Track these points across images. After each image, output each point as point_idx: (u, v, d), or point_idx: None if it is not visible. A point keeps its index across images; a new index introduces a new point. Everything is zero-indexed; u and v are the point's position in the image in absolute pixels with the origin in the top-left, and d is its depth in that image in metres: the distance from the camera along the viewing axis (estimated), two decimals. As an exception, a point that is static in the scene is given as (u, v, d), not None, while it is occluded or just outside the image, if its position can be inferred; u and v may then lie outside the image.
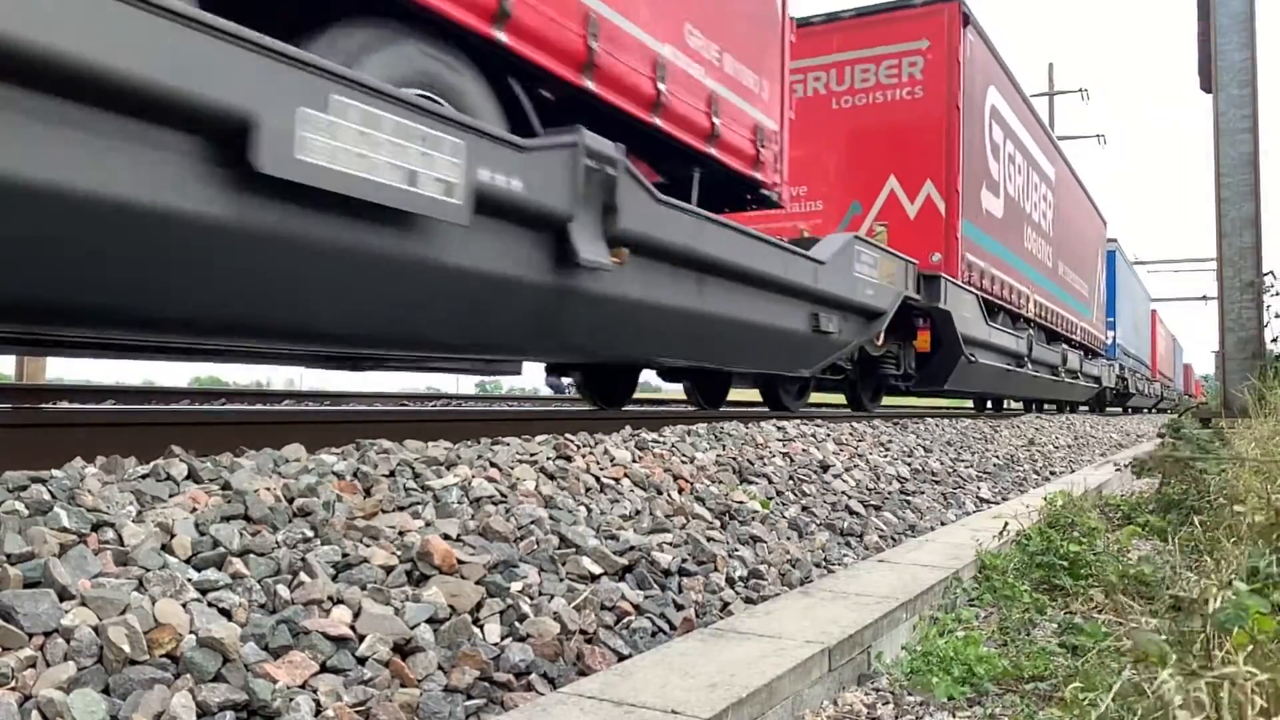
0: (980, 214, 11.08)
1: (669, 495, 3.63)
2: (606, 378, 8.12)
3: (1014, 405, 18.37)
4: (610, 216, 4.32)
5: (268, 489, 2.45)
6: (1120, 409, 26.64)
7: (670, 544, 3.12)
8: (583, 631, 2.40)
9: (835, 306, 7.06)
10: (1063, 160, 16.76)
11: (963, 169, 10.23)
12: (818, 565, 3.67)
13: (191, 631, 1.80)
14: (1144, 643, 1.61)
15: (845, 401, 9.90)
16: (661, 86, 5.11)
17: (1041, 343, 14.35)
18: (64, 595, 1.78)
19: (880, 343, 8.65)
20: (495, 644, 2.19)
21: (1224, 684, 1.50)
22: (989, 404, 17.04)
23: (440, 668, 2.03)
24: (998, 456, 8.20)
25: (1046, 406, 19.13)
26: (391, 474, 2.87)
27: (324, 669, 1.89)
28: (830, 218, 10.16)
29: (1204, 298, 51.53)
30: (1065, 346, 16.19)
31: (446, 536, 2.53)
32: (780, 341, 6.42)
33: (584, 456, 3.62)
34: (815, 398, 10.67)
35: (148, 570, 1.93)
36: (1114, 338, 23.39)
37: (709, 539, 3.34)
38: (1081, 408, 20.99)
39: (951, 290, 9.62)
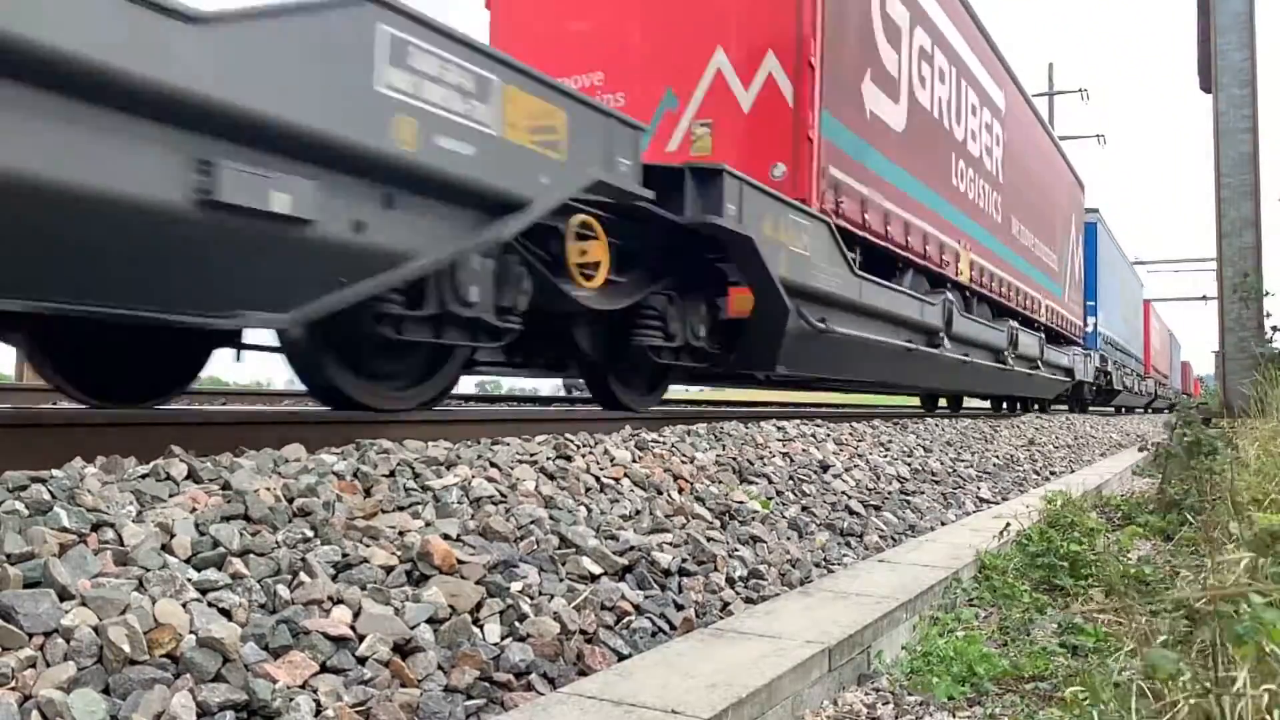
0: (863, 115, 7.69)
1: (669, 495, 3.63)
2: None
3: (1018, 405, 16.28)
4: None
5: (268, 489, 2.45)
6: (1107, 408, 23.76)
7: (670, 544, 3.12)
8: (583, 631, 2.40)
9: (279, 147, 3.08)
10: (1020, 93, 13.48)
11: (825, 39, 6.83)
12: (818, 565, 3.67)
13: (191, 631, 1.80)
14: (1155, 658, 1.60)
15: (593, 396, 6.29)
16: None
17: (974, 315, 10.90)
18: (64, 595, 1.78)
19: (596, 281, 4.88)
20: (495, 644, 2.19)
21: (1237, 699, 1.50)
22: (939, 402, 14.29)
23: (440, 668, 2.03)
24: (998, 456, 8.20)
25: (1056, 407, 16.73)
26: (391, 474, 2.87)
27: (324, 669, 1.89)
28: (636, 115, 5.13)
29: (1204, 298, 51.52)
30: (1015, 324, 12.62)
31: (446, 536, 2.53)
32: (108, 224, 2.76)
33: (584, 456, 3.62)
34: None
35: (148, 570, 1.93)
36: (1095, 324, 19.95)
37: (709, 539, 3.34)
38: (1057, 406, 17.79)
39: (752, 199, 5.58)
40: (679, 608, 2.73)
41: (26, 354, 4.22)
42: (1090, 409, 19.84)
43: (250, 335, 4.32)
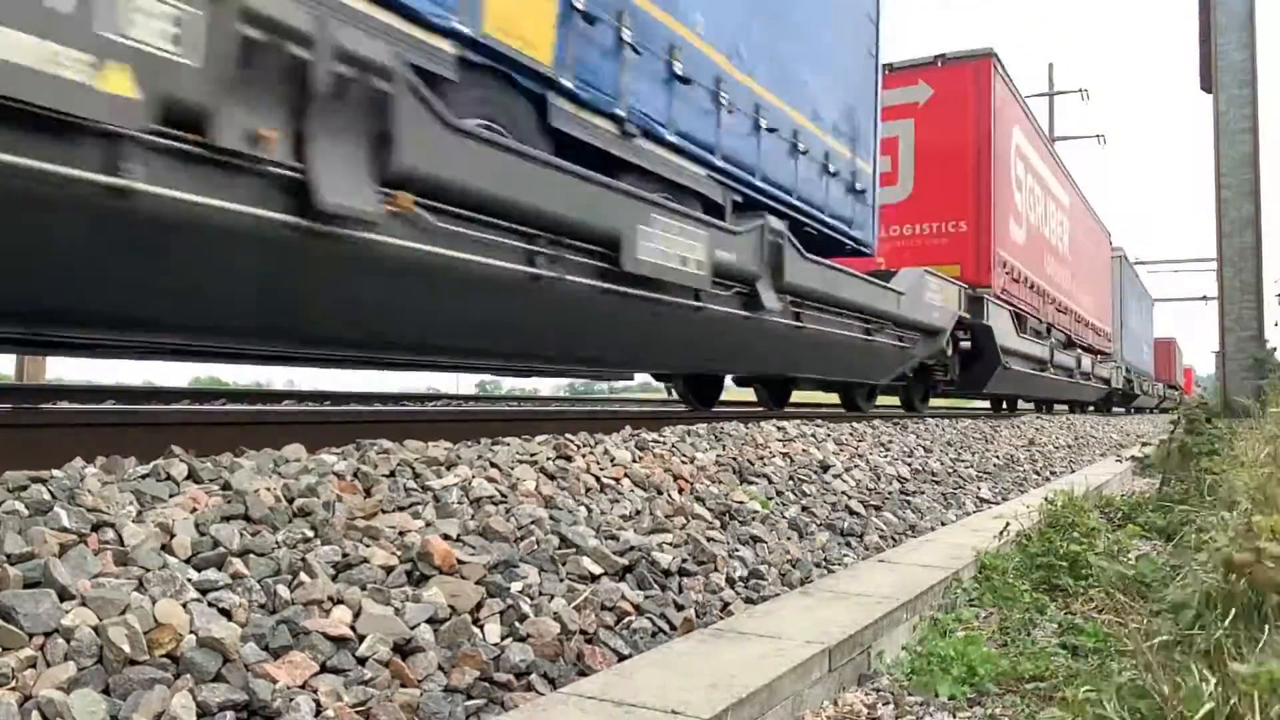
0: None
1: (669, 495, 3.63)
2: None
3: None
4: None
5: (268, 489, 2.45)
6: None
7: (670, 544, 3.12)
8: (583, 631, 2.40)
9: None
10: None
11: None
12: (818, 565, 3.67)
13: (191, 631, 1.80)
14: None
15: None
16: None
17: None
18: (64, 595, 1.77)
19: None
20: (495, 644, 2.19)
21: None
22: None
23: (440, 668, 2.03)
24: (998, 457, 8.19)
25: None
26: (391, 474, 2.87)
27: (324, 669, 1.89)
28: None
29: (1204, 298, 51.48)
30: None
31: (446, 536, 2.53)
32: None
33: (584, 456, 3.62)
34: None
35: (148, 570, 1.92)
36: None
37: (709, 539, 3.34)
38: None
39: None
40: (679, 608, 2.73)
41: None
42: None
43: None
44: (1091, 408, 22.29)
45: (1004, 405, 18.13)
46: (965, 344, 11.32)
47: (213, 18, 2.58)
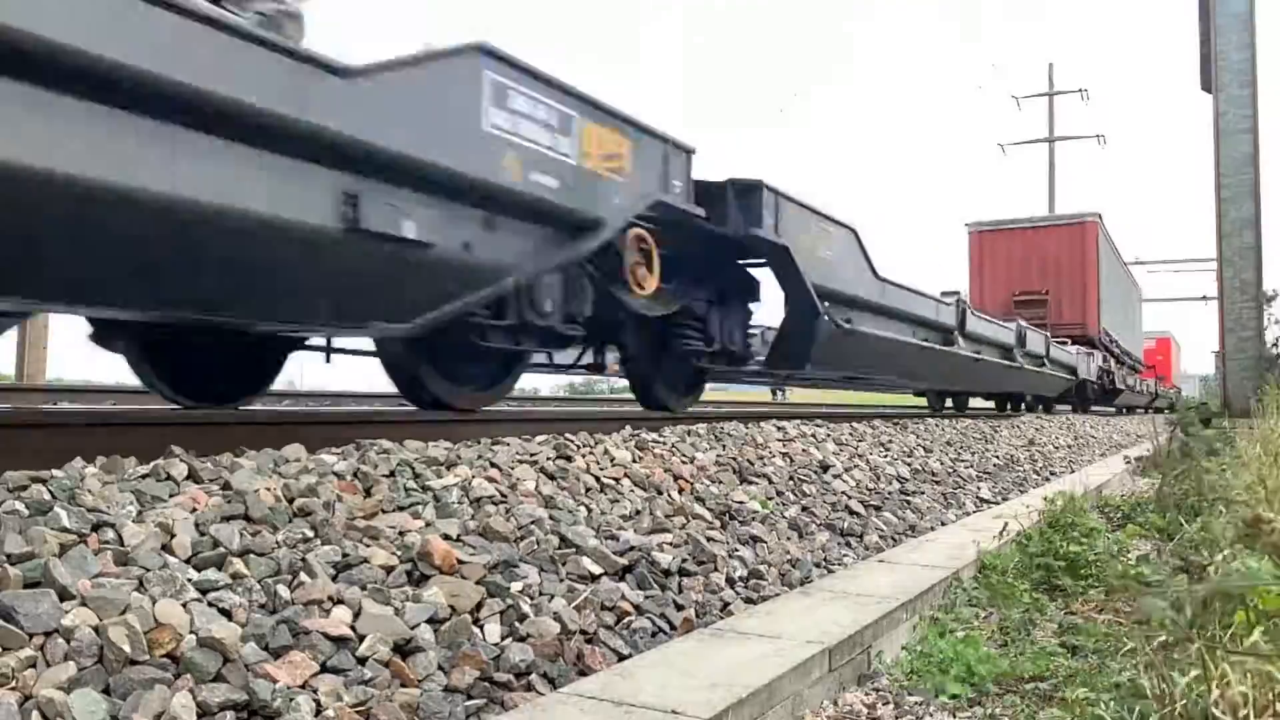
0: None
1: (669, 495, 3.63)
2: None
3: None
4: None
5: (268, 489, 2.45)
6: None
7: (670, 544, 3.12)
8: (583, 631, 2.40)
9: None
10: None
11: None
12: (818, 565, 3.67)
13: (192, 631, 1.80)
14: (1150, 607, 1.61)
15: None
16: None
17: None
18: (64, 595, 1.77)
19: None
20: (495, 644, 2.19)
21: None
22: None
23: (440, 668, 2.03)
24: (998, 457, 8.20)
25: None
26: (391, 474, 2.87)
27: (324, 669, 1.89)
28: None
29: (1204, 298, 51.44)
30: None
31: (447, 537, 2.53)
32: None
33: (584, 456, 3.62)
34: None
35: (148, 570, 1.92)
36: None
37: (709, 539, 3.34)
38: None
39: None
40: (679, 608, 2.73)
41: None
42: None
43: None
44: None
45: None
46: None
47: None
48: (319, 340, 4.78)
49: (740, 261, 6.36)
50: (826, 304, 6.54)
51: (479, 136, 3.69)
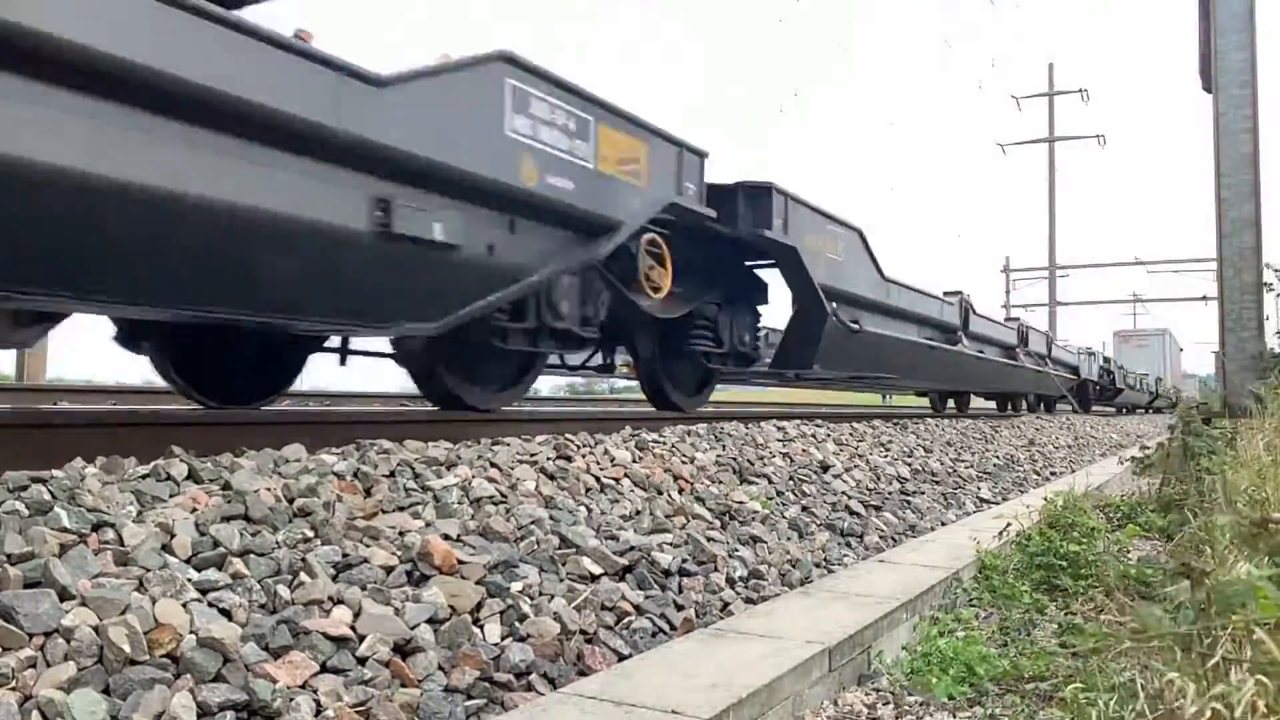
0: None
1: (669, 495, 3.63)
2: None
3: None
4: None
5: (268, 489, 2.45)
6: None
7: (670, 544, 3.12)
8: (583, 632, 2.40)
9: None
10: None
11: None
12: (818, 565, 3.67)
13: (192, 631, 1.80)
14: (1145, 616, 1.61)
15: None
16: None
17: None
18: (64, 595, 1.78)
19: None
20: (495, 644, 2.19)
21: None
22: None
23: (440, 668, 2.03)
24: (998, 457, 8.20)
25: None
26: (391, 474, 2.87)
27: (324, 669, 1.89)
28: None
29: (1204, 298, 51.42)
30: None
31: (447, 537, 2.53)
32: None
33: (584, 457, 3.62)
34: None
35: (148, 570, 1.93)
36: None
37: (709, 539, 3.34)
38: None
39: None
40: (679, 608, 2.73)
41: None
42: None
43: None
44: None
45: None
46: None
47: None
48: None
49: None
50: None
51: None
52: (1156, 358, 38.18)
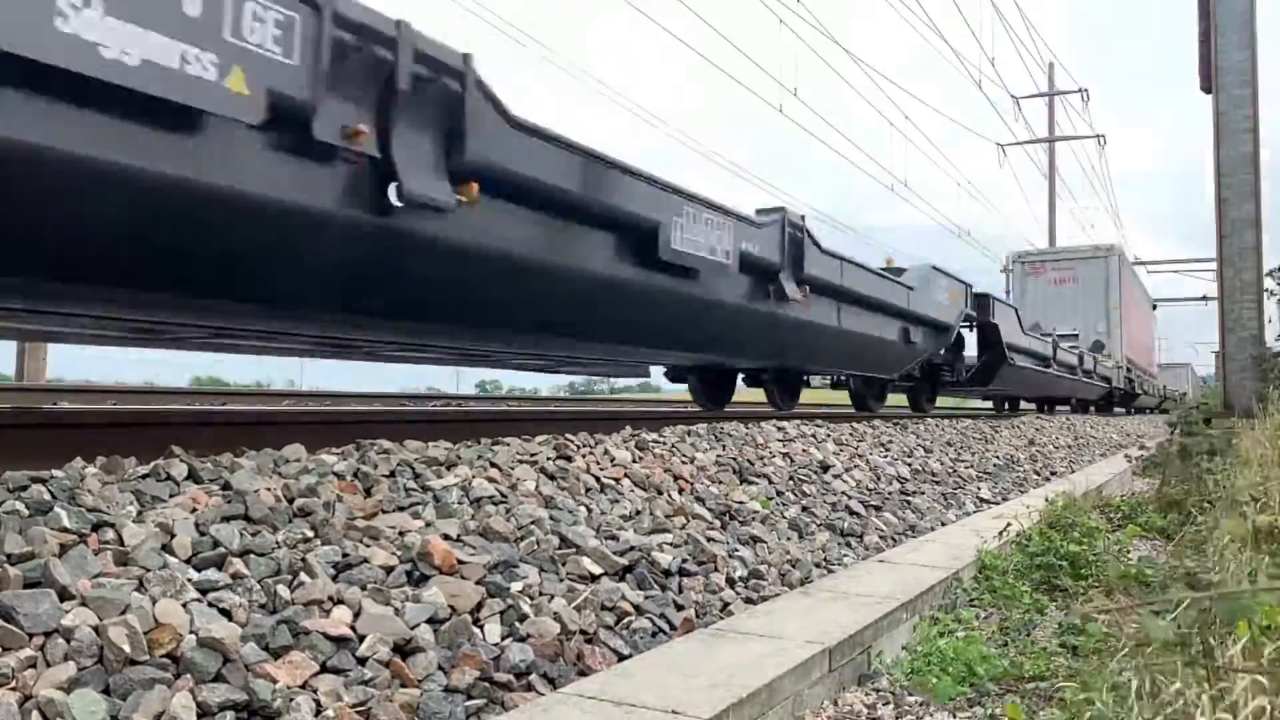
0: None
1: (669, 495, 3.63)
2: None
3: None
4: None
5: (268, 489, 2.45)
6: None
7: (670, 544, 3.11)
8: (583, 632, 2.40)
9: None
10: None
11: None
12: (818, 565, 3.67)
13: (192, 631, 1.80)
14: (1151, 626, 1.61)
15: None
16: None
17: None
18: (64, 595, 1.77)
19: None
20: (495, 644, 2.19)
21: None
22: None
23: (440, 668, 2.03)
24: (998, 457, 8.19)
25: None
26: (391, 474, 2.87)
27: (324, 669, 1.89)
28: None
29: (1204, 298, 51.42)
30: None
31: (447, 537, 2.53)
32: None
33: (584, 457, 3.62)
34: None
35: (148, 570, 1.92)
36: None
37: (709, 539, 3.34)
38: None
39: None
40: (679, 608, 2.73)
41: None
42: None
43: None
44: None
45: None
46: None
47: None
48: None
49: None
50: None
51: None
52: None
